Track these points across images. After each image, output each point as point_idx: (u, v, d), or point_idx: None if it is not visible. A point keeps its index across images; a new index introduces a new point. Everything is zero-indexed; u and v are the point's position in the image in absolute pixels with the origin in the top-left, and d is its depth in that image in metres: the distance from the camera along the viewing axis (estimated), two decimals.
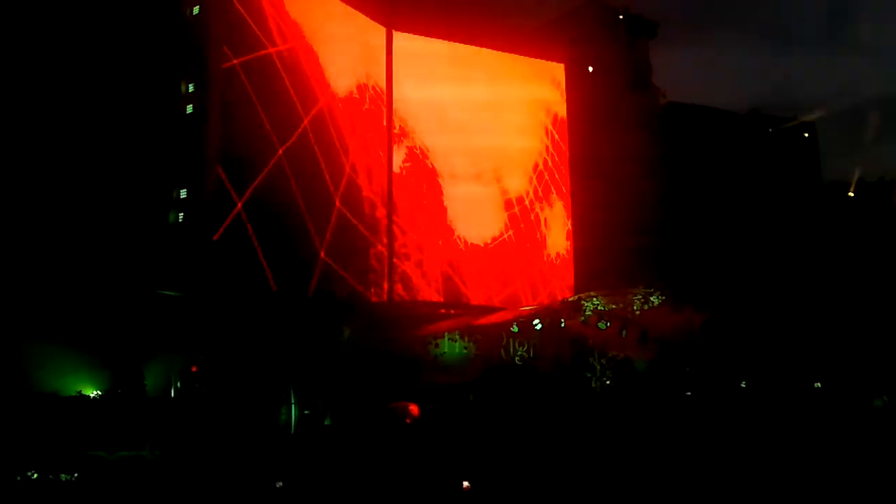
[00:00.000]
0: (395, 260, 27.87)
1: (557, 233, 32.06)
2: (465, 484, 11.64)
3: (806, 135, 41.56)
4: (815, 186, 41.09)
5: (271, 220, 24.88)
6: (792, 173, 39.67)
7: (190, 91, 25.37)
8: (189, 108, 25.24)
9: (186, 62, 24.54)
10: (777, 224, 38.08)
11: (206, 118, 24.63)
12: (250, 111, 25.22)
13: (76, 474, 15.76)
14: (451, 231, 29.62)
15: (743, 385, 24.69)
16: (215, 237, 23.64)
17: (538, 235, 31.57)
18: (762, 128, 39.81)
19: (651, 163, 33.22)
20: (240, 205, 24.28)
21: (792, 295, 34.04)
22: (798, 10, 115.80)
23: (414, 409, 19.52)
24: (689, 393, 23.60)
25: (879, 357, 31.06)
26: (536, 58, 33.47)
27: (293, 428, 21.13)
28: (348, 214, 27.00)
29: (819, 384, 24.29)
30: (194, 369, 19.65)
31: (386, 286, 27.44)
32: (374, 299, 26.67)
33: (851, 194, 42.23)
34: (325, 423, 20.50)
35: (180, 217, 24.49)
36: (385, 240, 28.04)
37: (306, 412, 20.45)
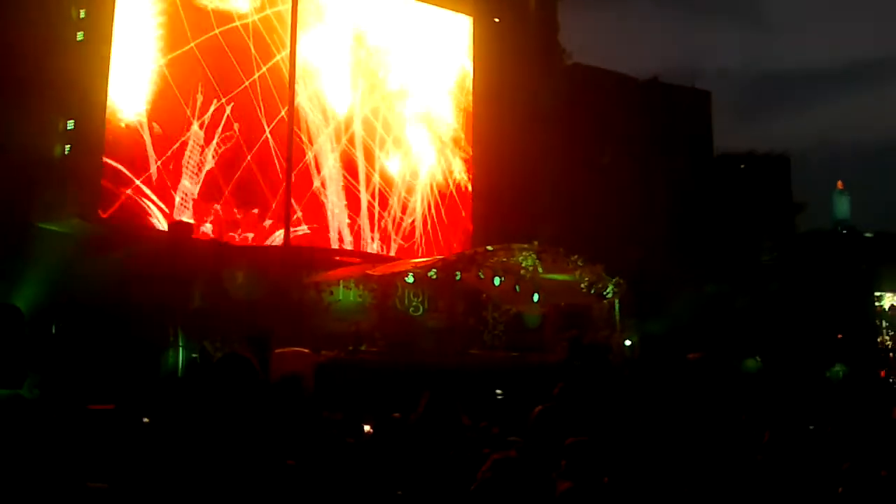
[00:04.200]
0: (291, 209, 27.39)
1: (458, 187, 32.09)
2: (367, 428, 11.60)
3: (701, 104, 42.95)
4: (707, 157, 42.61)
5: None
6: (686, 142, 40.95)
7: (81, 17, 24.17)
8: (80, 36, 24.04)
9: None
10: (669, 192, 39.33)
11: (97, 46, 23.54)
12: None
13: None
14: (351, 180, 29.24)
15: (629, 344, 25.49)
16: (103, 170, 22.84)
17: (437, 190, 31.53)
18: (660, 95, 40.89)
19: (553, 122, 33.63)
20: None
21: (681, 263, 35.39)
22: None
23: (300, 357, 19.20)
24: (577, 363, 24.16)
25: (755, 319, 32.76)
26: (445, 7, 33.16)
27: (181, 371, 20.76)
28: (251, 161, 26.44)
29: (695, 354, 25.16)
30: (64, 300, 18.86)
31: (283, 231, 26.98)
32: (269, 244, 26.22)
33: (743, 168, 43.97)
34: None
35: (66, 150, 23.48)
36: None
37: (194, 356, 20.10)
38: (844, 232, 51.56)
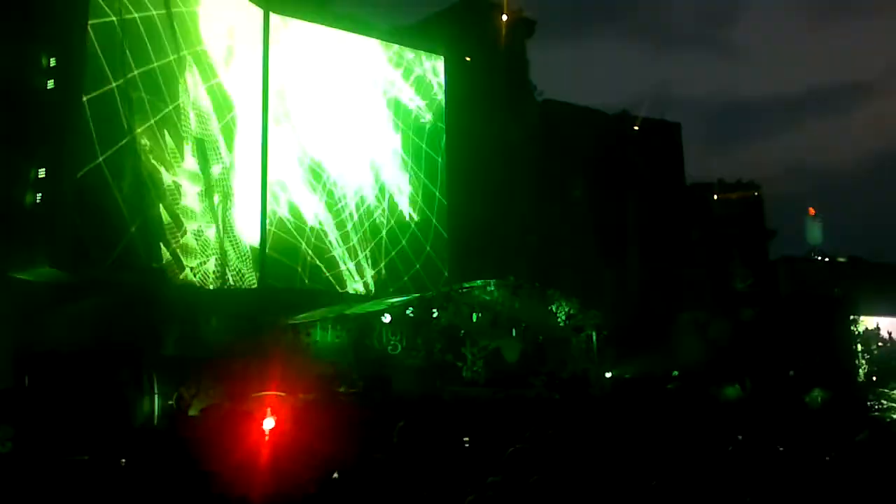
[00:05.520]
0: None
1: (432, 225, 32.24)
2: (335, 475, 11.55)
3: (672, 136, 43.37)
4: (679, 187, 42.93)
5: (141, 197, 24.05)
6: (657, 174, 41.26)
7: (51, 65, 24.16)
8: (50, 84, 24.01)
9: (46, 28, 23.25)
10: (643, 223, 39.59)
11: (68, 94, 23.53)
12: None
13: None
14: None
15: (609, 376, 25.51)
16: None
17: (413, 227, 31.66)
18: (631, 128, 41.29)
19: (525, 157, 33.89)
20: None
21: (655, 293, 35.57)
22: (677, 10, 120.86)
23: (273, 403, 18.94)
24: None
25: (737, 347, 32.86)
26: (417, 49, 33.61)
27: (156, 419, 20.45)
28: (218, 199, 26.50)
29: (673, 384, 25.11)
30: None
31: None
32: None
33: (716, 197, 44.38)
34: (190, 413, 19.94)
35: (38, 198, 23.31)
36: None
37: (170, 402, 19.83)
38: (819, 258, 51.94)
